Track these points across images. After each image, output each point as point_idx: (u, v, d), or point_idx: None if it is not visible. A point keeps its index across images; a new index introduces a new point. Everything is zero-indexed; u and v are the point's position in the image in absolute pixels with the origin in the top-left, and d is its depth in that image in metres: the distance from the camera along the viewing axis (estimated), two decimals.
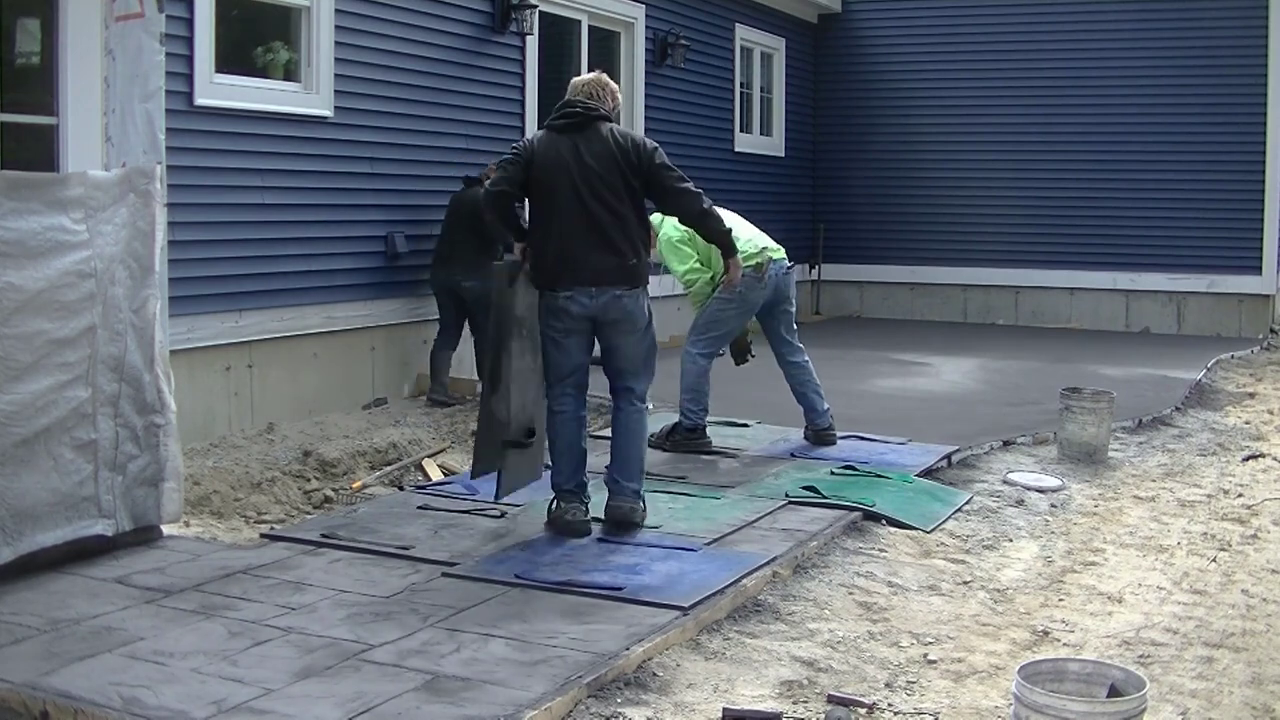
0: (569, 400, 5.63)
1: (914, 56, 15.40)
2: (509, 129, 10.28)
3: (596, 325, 5.57)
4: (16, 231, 4.73)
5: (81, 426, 5.02)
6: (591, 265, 5.45)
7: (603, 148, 5.50)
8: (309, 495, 6.99)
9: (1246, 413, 9.28)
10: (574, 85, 5.74)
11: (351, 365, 8.74)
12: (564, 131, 5.54)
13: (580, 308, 5.48)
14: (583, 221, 5.45)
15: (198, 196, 7.33)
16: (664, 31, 12.48)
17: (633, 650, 4.13)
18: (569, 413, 5.63)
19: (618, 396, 5.73)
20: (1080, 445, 7.40)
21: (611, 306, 5.50)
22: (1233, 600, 5.07)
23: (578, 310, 5.48)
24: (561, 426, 5.63)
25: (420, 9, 9.21)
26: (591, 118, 5.55)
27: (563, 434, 5.62)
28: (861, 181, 15.54)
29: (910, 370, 10.84)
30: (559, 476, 5.63)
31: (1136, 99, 14.32)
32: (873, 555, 5.44)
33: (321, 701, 3.68)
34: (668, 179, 5.59)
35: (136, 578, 4.88)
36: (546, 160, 5.50)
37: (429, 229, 9.28)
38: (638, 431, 5.70)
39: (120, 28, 5.46)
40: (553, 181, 5.47)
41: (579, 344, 5.58)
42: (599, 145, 5.50)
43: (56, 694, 3.71)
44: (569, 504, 5.58)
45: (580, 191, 5.45)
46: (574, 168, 5.45)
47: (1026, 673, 3.41)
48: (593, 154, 5.48)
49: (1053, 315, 14.90)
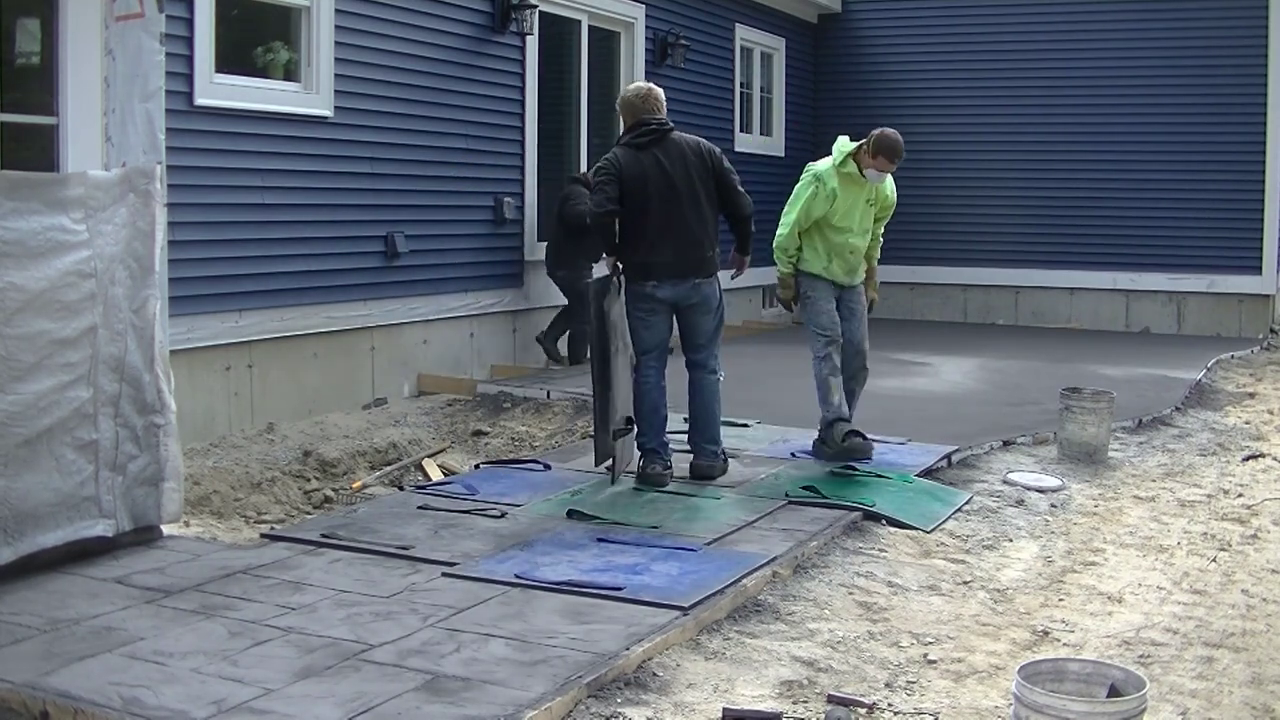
0: (653, 371, 6.55)
1: (914, 56, 15.39)
2: (509, 129, 10.29)
3: (677, 309, 6.55)
4: (17, 231, 4.73)
5: (83, 427, 5.02)
6: (677, 261, 6.42)
7: (680, 157, 6.44)
8: (309, 495, 7.00)
9: (1246, 413, 9.28)
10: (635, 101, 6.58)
11: (351, 365, 8.74)
12: (644, 148, 6.42)
13: (666, 294, 6.46)
14: (669, 224, 6.38)
15: (198, 196, 7.33)
16: (664, 31, 12.48)
17: (633, 650, 4.13)
18: (653, 381, 6.55)
19: (694, 369, 6.67)
20: (1080, 445, 7.40)
21: (693, 293, 6.51)
22: (1233, 600, 5.07)
23: (663, 296, 6.46)
24: (647, 393, 6.53)
25: (420, 9, 9.21)
26: (665, 132, 6.47)
27: (648, 399, 6.52)
28: None
29: (910, 370, 10.84)
30: (643, 437, 6.54)
31: (1136, 99, 14.32)
32: (873, 555, 5.44)
33: (321, 701, 3.68)
34: (732, 180, 6.59)
35: (136, 578, 4.88)
36: (633, 175, 6.37)
37: (429, 229, 9.29)
38: (713, 397, 6.66)
39: (120, 28, 5.45)
40: (642, 193, 6.36)
41: (663, 323, 6.57)
42: (677, 155, 6.44)
43: (56, 694, 3.71)
44: (653, 460, 6.49)
45: (666, 199, 6.37)
46: (659, 179, 6.37)
47: (1026, 673, 3.41)
48: (673, 164, 6.40)
49: (1053, 315, 14.90)
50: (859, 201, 7.05)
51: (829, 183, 6.95)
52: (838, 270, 7.14)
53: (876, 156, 6.90)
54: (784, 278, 7.19)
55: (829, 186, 6.95)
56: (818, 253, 7.09)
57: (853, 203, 7.02)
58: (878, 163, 6.93)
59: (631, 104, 6.56)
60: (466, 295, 9.85)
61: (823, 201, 6.94)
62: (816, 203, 6.95)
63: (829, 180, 6.96)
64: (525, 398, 8.85)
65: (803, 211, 6.97)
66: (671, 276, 6.42)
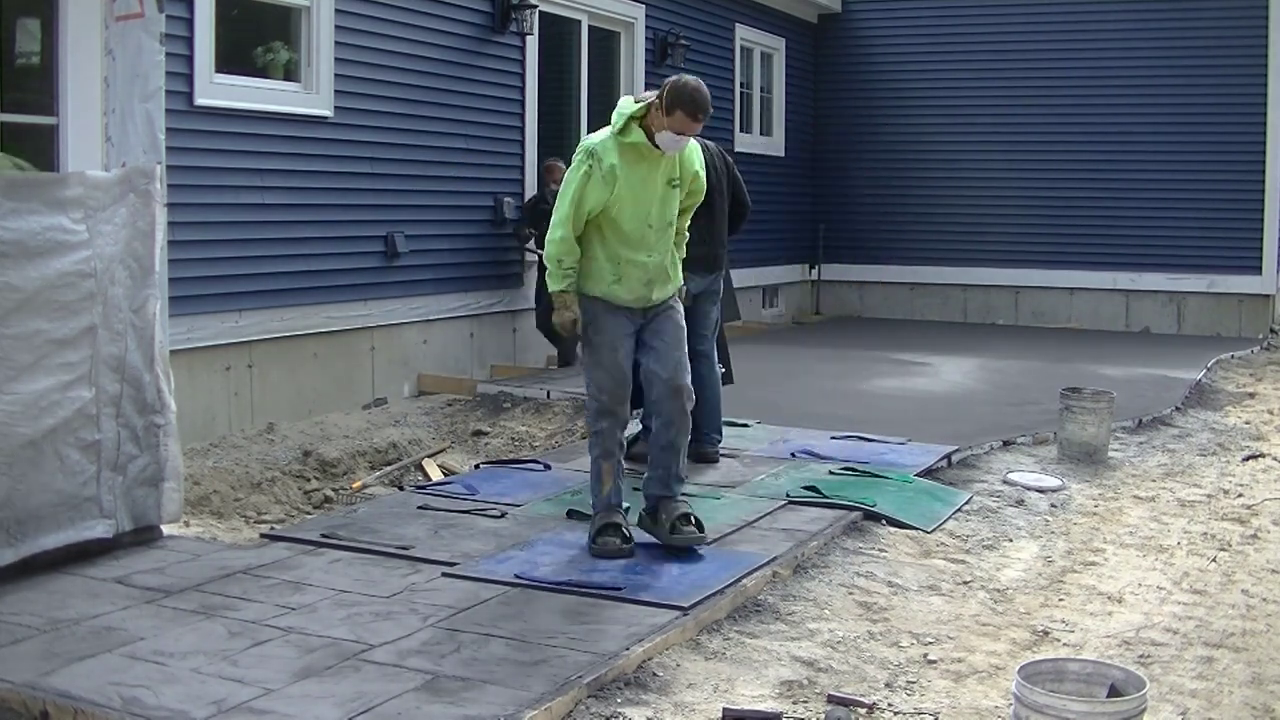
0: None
1: (914, 56, 15.40)
2: (509, 129, 10.30)
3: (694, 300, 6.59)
4: (16, 231, 4.73)
5: (86, 427, 5.02)
6: (708, 255, 6.70)
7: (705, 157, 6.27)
8: (309, 495, 7.00)
9: (1246, 413, 9.28)
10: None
11: (351, 365, 8.74)
12: None
13: (695, 287, 6.54)
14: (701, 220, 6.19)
15: (198, 196, 7.33)
16: (664, 31, 12.49)
17: (633, 650, 4.13)
18: None
19: (700, 359, 6.70)
20: (1080, 445, 7.40)
21: (713, 284, 6.85)
22: (1233, 600, 5.07)
23: (693, 289, 6.47)
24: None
25: (420, 9, 9.21)
26: None
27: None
28: (861, 181, 15.54)
29: (910, 370, 10.84)
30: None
31: (1136, 99, 14.32)
32: (873, 555, 5.44)
33: (321, 701, 3.68)
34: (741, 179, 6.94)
35: (136, 578, 4.88)
36: None
37: (429, 229, 9.29)
38: (718, 387, 6.97)
39: (120, 28, 5.45)
40: None
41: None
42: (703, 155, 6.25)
43: (56, 694, 3.71)
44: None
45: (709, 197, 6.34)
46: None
47: (1026, 673, 3.41)
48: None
49: (1053, 315, 14.90)
50: (655, 183, 5.20)
51: (606, 158, 5.10)
52: (629, 289, 5.24)
53: (673, 113, 5.03)
54: (559, 296, 5.24)
55: (606, 163, 5.10)
56: (599, 264, 5.20)
57: (643, 185, 5.16)
58: (675, 121, 5.05)
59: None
60: (466, 295, 9.85)
61: (599, 185, 5.08)
62: (591, 187, 5.09)
63: (606, 155, 5.11)
64: (525, 398, 8.85)
65: (572, 203, 5.11)
66: (702, 270, 6.68)
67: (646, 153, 5.15)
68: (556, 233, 5.14)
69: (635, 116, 5.13)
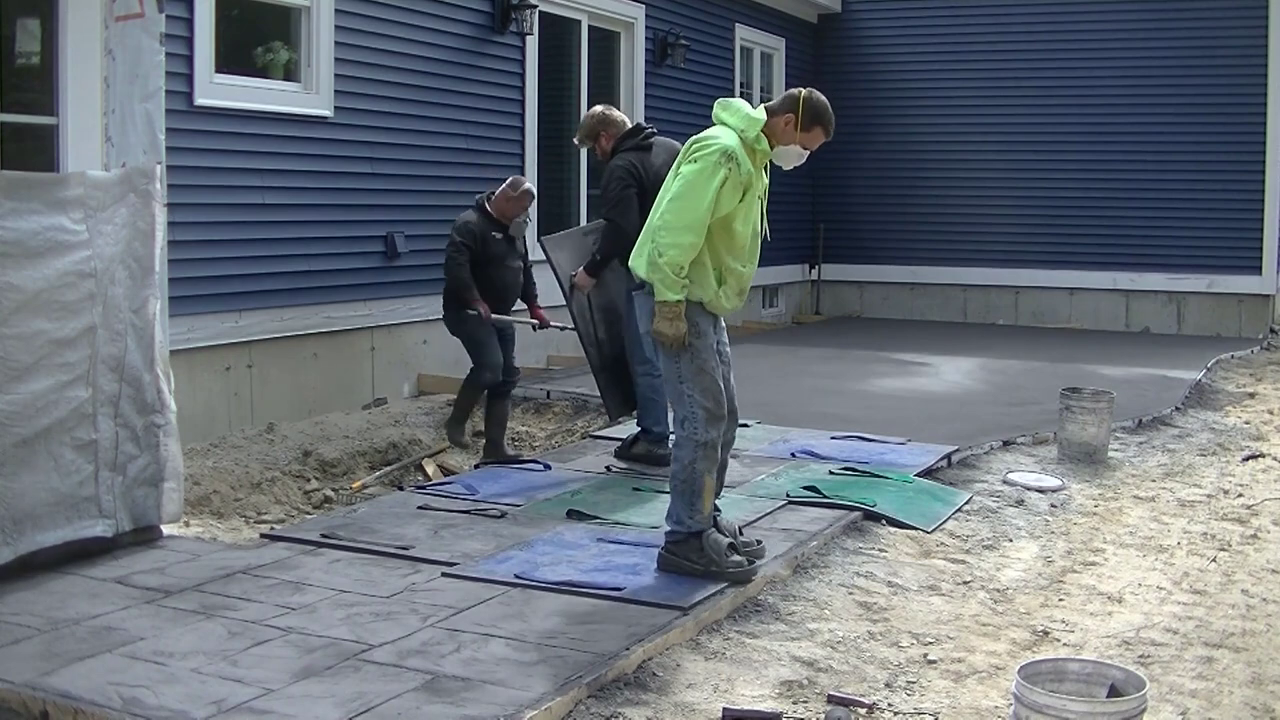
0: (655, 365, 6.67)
1: (914, 56, 15.39)
2: (509, 129, 10.29)
3: None
4: (16, 231, 4.73)
5: (82, 427, 5.02)
6: None
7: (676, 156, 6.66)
8: (309, 495, 7.00)
9: (1246, 413, 9.28)
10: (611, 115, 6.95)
11: (351, 365, 8.74)
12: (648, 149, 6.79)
13: None
14: None
15: (198, 196, 7.33)
16: (664, 31, 12.48)
17: (633, 650, 4.13)
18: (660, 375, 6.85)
19: None
20: (1080, 445, 7.39)
21: None
22: (1233, 600, 5.07)
23: None
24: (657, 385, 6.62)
25: (420, 9, 9.21)
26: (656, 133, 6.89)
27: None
28: (861, 181, 15.53)
29: (910, 370, 10.84)
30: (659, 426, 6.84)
31: (1137, 99, 14.32)
32: (873, 555, 5.44)
33: (321, 701, 3.68)
34: None
35: (136, 578, 4.88)
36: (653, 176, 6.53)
37: (429, 229, 9.28)
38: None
39: (120, 28, 5.45)
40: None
41: None
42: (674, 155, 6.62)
43: (56, 694, 3.71)
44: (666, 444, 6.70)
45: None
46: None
47: (1026, 673, 3.41)
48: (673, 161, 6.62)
49: (1053, 315, 14.90)
50: (757, 194, 5.10)
51: (744, 163, 4.95)
52: (728, 298, 5.11)
53: (811, 129, 5.06)
54: (674, 306, 4.88)
55: (745, 169, 4.94)
56: (705, 271, 5.00)
57: (756, 195, 5.08)
58: (810, 137, 5.09)
59: (608, 119, 6.94)
60: None
61: (733, 191, 4.91)
62: (727, 192, 4.89)
63: (744, 160, 4.95)
64: (525, 398, 8.84)
65: (709, 207, 4.87)
66: None
67: (761, 161, 5.07)
68: (686, 237, 4.81)
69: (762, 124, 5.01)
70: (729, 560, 4.87)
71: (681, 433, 4.97)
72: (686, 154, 5.02)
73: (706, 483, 4.93)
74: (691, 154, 4.97)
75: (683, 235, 4.82)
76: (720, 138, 4.95)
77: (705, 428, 4.92)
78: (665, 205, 4.92)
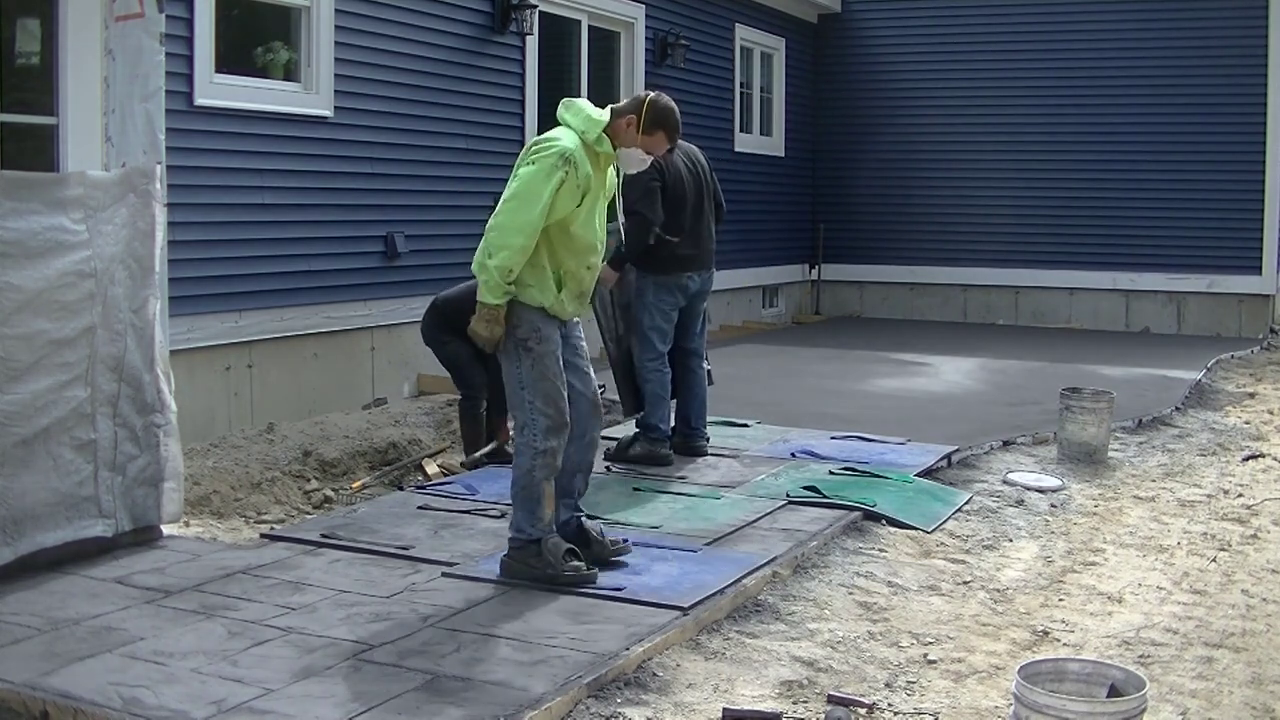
0: (664, 360, 7.04)
1: (914, 56, 15.39)
2: (509, 129, 10.29)
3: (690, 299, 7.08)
4: (16, 231, 4.73)
5: (81, 426, 5.02)
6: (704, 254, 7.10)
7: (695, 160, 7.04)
8: (309, 495, 6.99)
9: (1246, 413, 9.28)
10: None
11: (351, 365, 8.73)
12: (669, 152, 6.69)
13: (695, 285, 7.06)
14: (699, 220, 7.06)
15: (198, 196, 7.32)
16: (664, 31, 12.48)
17: (633, 650, 4.13)
18: (665, 370, 7.05)
19: (691, 358, 7.18)
20: (1080, 445, 7.39)
21: (708, 282, 7.18)
22: (1233, 600, 5.07)
23: (694, 287, 7.06)
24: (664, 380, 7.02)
25: (420, 9, 9.21)
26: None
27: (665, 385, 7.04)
28: (861, 181, 15.53)
29: (910, 370, 10.84)
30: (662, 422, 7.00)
31: (1136, 98, 14.32)
32: (873, 555, 5.44)
33: (321, 701, 3.68)
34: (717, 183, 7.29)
35: (136, 578, 4.88)
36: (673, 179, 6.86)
37: (429, 229, 9.28)
38: (703, 383, 7.25)
39: (120, 28, 5.46)
40: (681, 194, 6.92)
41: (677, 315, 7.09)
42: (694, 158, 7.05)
43: (56, 694, 3.72)
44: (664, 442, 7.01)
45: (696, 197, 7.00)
46: (691, 180, 6.96)
47: (1026, 673, 3.41)
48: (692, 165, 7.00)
49: (1053, 315, 14.90)
50: (601, 196, 5.02)
51: (583, 166, 4.85)
52: (570, 301, 4.98)
53: (654, 133, 5.02)
54: (494, 310, 4.79)
55: (583, 172, 4.85)
56: (543, 274, 4.87)
57: (597, 197, 4.98)
58: (653, 141, 5.05)
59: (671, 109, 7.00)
60: None
61: (570, 194, 4.81)
62: (563, 195, 4.80)
63: (582, 162, 4.85)
64: None
65: (542, 211, 4.76)
66: (701, 268, 7.07)
67: (605, 163, 4.99)
68: (516, 240, 4.69)
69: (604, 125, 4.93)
70: (566, 565, 4.82)
71: (520, 439, 4.90)
72: (525, 155, 4.92)
73: (546, 490, 4.86)
74: (530, 155, 4.88)
75: (513, 237, 4.72)
76: (560, 139, 4.87)
77: (544, 436, 4.84)
78: (500, 207, 4.80)
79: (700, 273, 7.07)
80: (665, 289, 6.96)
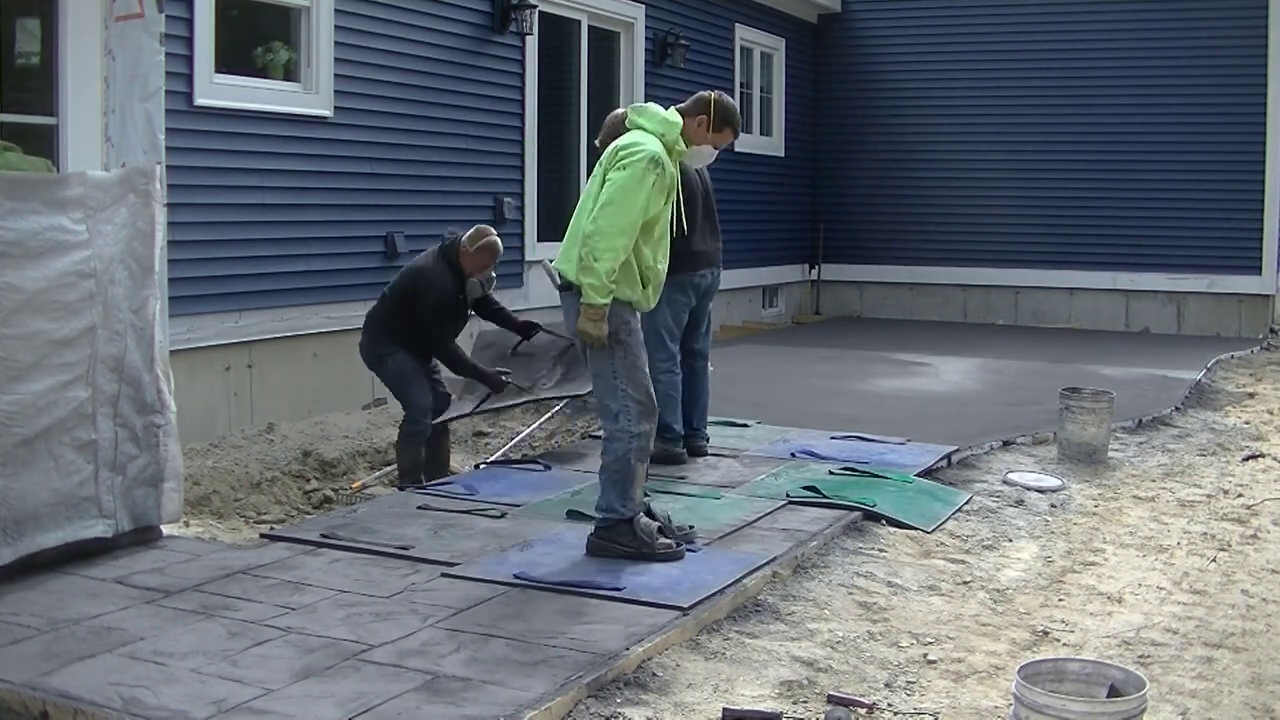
0: (675, 360, 6.98)
1: (914, 56, 15.40)
2: (509, 129, 10.29)
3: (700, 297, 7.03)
4: (16, 232, 4.73)
5: (81, 427, 5.02)
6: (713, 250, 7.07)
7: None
8: (309, 495, 7.00)
9: (1246, 413, 9.28)
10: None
11: (351, 365, 8.70)
12: None
13: (707, 281, 7.04)
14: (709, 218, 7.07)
15: (198, 196, 7.33)
16: (664, 31, 12.48)
17: (633, 650, 4.13)
18: (676, 369, 6.99)
19: (697, 358, 7.16)
20: (1080, 445, 7.39)
21: (717, 280, 7.16)
22: (1233, 600, 5.07)
23: (705, 284, 7.03)
24: (674, 380, 6.96)
25: (420, 9, 9.21)
26: None
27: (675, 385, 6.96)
28: (861, 181, 15.54)
29: (910, 370, 10.84)
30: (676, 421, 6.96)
31: (1136, 99, 14.32)
32: (873, 555, 5.44)
33: (321, 701, 3.68)
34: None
35: (136, 578, 4.88)
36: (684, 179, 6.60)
37: (429, 229, 9.28)
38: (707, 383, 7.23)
39: (120, 28, 5.46)
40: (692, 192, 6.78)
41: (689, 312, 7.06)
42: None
43: (56, 694, 3.71)
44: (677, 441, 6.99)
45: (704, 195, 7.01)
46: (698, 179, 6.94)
47: (1026, 673, 3.41)
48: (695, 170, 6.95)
49: (1052, 315, 14.90)
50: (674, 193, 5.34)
51: (669, 168, 5.14)
52: (649, 295, 5.30)
53: (722, 130, 5.40)
54: (602, 309, 5.04)
55: (669, 174, 5.14)
56: (632, 271, 5.16)
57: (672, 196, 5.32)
58: (722, 137, 5.43)
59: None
60: None
61: (658, 195, 5.09)
62: (654, 197, 5.08)
63: (668, 165, 5.14)
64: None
65: (641, 212, 5.04)
66: (712, 265, 7.08)
67: (675, 161, 5.28)
68: (619, 240, 4.97)
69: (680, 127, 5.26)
70: (659, 542, 5.14)
71: (615, 426, 5.18)
72: (613, 161, 5.13)
73: (639, 472, 5.19)
74: (619, 161, 5.10)
75: (616, 239, 4.99)
76: (644, 144, 5.12)
77: (638, 420, 5.17)
78: (597, 211, 5.04)
79: (712, 269, 7.10)
80: (679, 288, 6.90)
